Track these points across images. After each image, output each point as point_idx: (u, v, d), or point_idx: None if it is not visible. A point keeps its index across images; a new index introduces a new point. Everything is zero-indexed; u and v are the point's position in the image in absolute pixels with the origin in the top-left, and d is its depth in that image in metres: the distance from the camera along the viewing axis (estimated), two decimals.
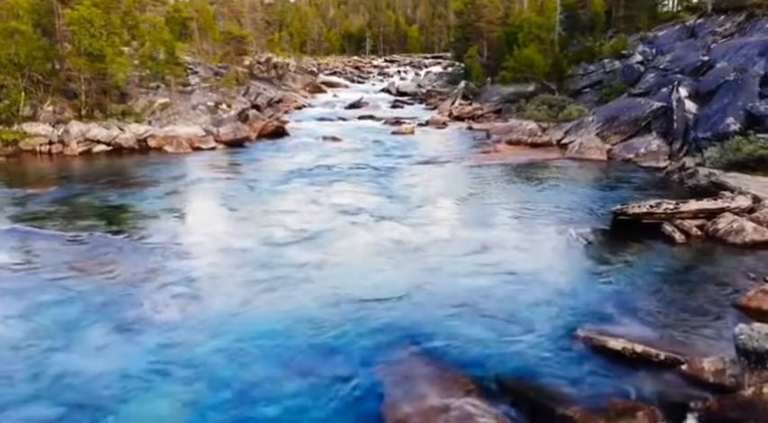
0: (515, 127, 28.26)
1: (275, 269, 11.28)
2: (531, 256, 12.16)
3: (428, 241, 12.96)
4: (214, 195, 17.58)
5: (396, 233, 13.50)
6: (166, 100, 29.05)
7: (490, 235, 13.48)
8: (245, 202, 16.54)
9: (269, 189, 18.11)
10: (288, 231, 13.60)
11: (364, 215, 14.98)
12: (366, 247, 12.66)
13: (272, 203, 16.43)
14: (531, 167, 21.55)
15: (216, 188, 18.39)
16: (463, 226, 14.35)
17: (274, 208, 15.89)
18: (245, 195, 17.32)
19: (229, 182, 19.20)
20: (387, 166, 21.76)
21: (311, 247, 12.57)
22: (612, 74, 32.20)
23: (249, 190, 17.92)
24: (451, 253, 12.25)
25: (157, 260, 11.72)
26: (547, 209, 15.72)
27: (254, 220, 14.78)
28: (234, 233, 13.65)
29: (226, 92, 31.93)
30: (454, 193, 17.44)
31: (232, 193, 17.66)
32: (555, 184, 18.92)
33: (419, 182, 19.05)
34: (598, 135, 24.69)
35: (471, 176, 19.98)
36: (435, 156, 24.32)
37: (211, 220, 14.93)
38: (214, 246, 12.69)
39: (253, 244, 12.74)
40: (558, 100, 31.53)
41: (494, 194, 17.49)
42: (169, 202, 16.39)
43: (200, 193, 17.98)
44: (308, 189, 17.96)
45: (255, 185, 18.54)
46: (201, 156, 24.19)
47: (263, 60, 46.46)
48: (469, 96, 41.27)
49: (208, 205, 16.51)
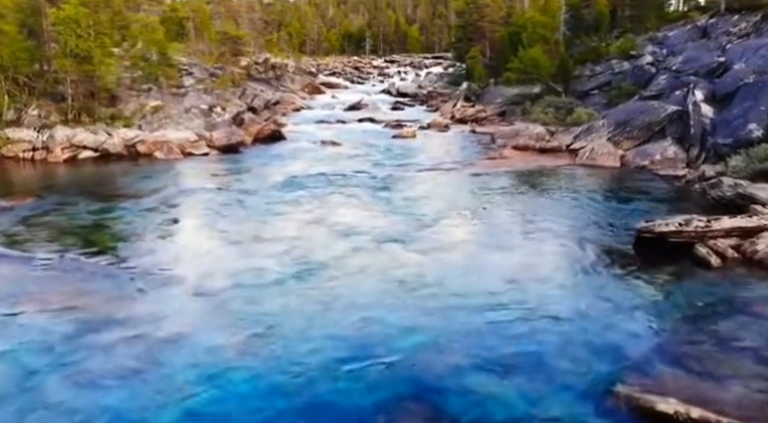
0: (521, 131, 26.81)
1: (265, 311, 9.68)
2: (552, 287, 10.69)
3: (438, 273, 11.32)
4: (201, 211, 15.90)
5: (403, 262, 11.83)
6: (158, 103, 27.54)
7: (506, 262, 11.94)
8: (235, 220, 14.91)
9: (261, 204, 16.44)
10: (280, 261, 11.88)
11: (366, 238, 13.29)
12: (370, 282, 10.93)
13: (264, 223, 14.71)
14: (540, 175, 20.11)
15: (204, 202, 16.73)
16: (475, 250, 12.73)
17: (267, 229, 14.16)
18: (235, 212, 15.69)
19: (220, 194, 17.58)
20: (388, 174, 20.31)
21: (306, 283, 10.80)
22: (621, 75, 30.73)
23: (240, 205, 16.29)
24: (464, 286, 10.69)
25: (130, 294, 10.25)
26: (563, 226, 14.28)
27: (245, 245, 12.95)
28: (221, 262, 11.96)
29: (221, 94, 30.45)
30: (462, 208, 15.95)
31: (221, 208, 16.02)
32: (568, 194, 17.47)
33: (424, 194, 17.54)
34: (610, 140, 23.23)
35: (478, 186, 18.52)
36: (439, 162, 22.87)
37: (197, 243, 13.22)
38: (197, 278, 11.03)
39: (241, 278, 11.00)
40: (565, 102, 30.08)
41: (504, 208, 16.02)
42: (152, 218, 14.83)
43: (186, 208, 16.27)
44: (303, 204, 16.34)
45: (247, 199, 16.90)
46: (193, 162, 22.72)
47: (261, 61, 44.95)
48: (472, 98, 39.79)
49: (194, 224, 14.79)
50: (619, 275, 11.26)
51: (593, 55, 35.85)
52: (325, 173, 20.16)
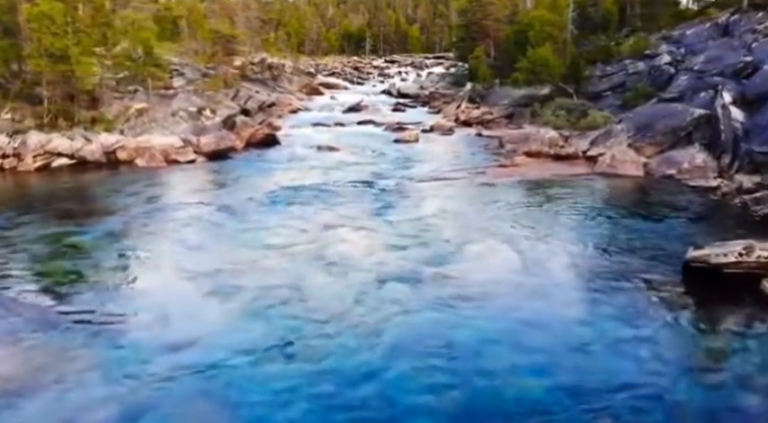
0: (532, 135, 24.66)
1: (243, 391, 7.51)
2: (602, 337, 8.58)
3: (468, 338, 8.72)
4: (171, 237, 13.42)
5: (417, 323, 9.18)
6: (144, 105, 25.42)
7: (537, 307, 9.71)
8: (209, 251, 12.48)
9: (242, 228, 13.99)
10: (266, 310, 9.50)
11: (366, 278, 10.80)
12: (377, 345, 8.42)
13: (248, 249, 12.39)
14: (558, 186, 17.98)
15: (177, 224, 14.34)
16: (505, 299, 10.20)
17: (251, 259, 11.76)
18: (216, 235, 13.45)
19: (197, 212, 15.25)
20: (390, 185, 18.19)
21: (281, 363, 8.01)
22: (636, 76, 28.59)
23: (217, 229, 13.94)
24: (508, 364, 8.15)
25: (72, 348, 8.13)
26: (593, 249, 12.20)
27: (224, 283, 10.55)
28: (193, 305, 9.73)
29: (212, 96, 28.31)
30: (476, 230, 13.76)
31: (195, 233, 13.66)
32: (593, 211, 15.35)
33: (432, 211, 15.28)
34: (630, 146, 21.11)
35: (491, 201, 16.38)
36: (445, 169, 20.76)
37: (167, 277, 11.01)
38: (162, 329, 8.83)
39: (217, 335, 8.68)
40: (577, 104, 27.94)
41: (524, 229, 13.85)
42: (113, 245, 12.52)
43: (154, 232, 13.81)
44: (291, 227, 13.94)
45: (227, 221, 14.48)
46: (177, 171, 20.58)
47: (257, 61, 42.80)
48: (476, 99, 37.63)
49: (166, 251, 12.47)
50: (670, 323, 9.13)
51: (604, 54, 33.74)
52: (321, 184, 18.03)
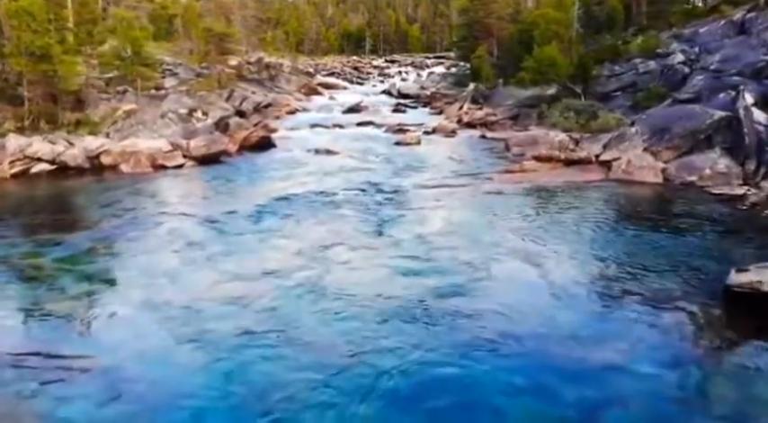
0: (540, 137, 23.28)
1: None
2: (646, 389, 7.20)
3: (483, 384, 7.41)
4: (153, 255, 11.91)
5: (431, 363, 7.77)
6: (132, 106, 24.06)
7: (568, 352, 8.14)
8: (194, 272, 10.95)
9: (232, 244, 12.56)
10: (246, 359, 7.86)
11: (372, 313, 9.07)
12: (380, 410, 6.89)
13: (230, 277, 10.64)
14: (571, 194, 16.59)
15: (160, 239, 12.85)
16: (524, 331, 8.72)
17: (232, 290, 9.96)
18: (196, 257, 11.79)
19: (182, 225, 13.79)
20: (391, 193, 16.80)
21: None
22: (648, 75, 27.21)
23: (204, 246, 12.38)
24: (521, 405, 7.00)
25: (11, 402, 6.74)
26: (620, 270, 10.81)
27: (199, 322, 8.86)
28: (159, 352, 8.13)
29: (204, 96, 26.94)
30: (487, 246, 12.33)
31: (179, 249, 12.18)
32: (611, 222, 13.97)
33: (439, 226, 13.65)
34: (646, 150, 19.73)
35: (501, 210, 14.98)
36: (449, 175, 19.40)
37: (133, 312, 9.29)
38: (117, 382, 7.32)
39: (182, 395, 7.15)
40: (586, 105, 26.55)
41: (538, 243, 12.42)
42: (85, 264, 11.01)
43: (133, 247, 12.31)
44: (280, 248, 12.31)
45: (207, 241, 12.73)
46: (163, 177, 19.19)
47: (254, 60, 41.39)
48: (479, 100, 36.25)
49: (136, 278, 10.70)
50: (718, 364, 7.77)
51: (611, 54, 32.36)
52: (316, 193, 16.62)
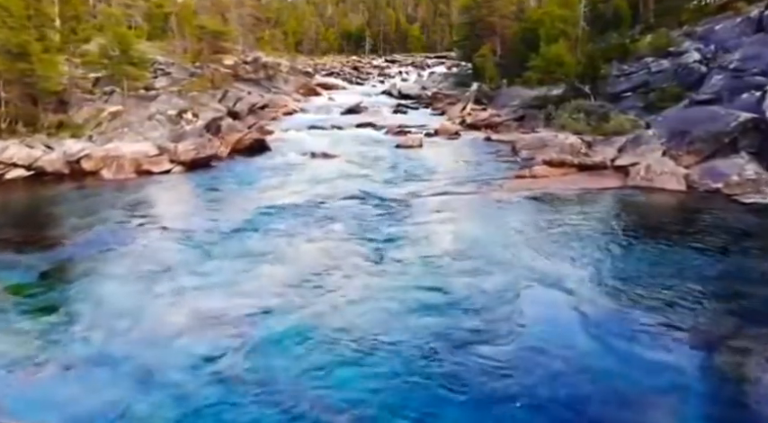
0: (549, 140, 21.86)
1: None
2: None
3: None
4: (120, 282, 10.32)
5: None
6: (119, 108, 22.61)
7: None
8: (167, 306, 9.35)
9: (212, 270, 10.82)
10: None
11: (379, 370, 7.62)
12: None
13: (206, 314, 9.02)
14: (589, 204, 15.14)
15: (132, 261, 11.22)
16: (564, 392, 7.24)
17: (210, 332, 8.45)
18: (172, 286, 10.14)
19: (160, 244, 12.24)
20: (394, 202, 15.35)
21: None
22: (661, 75, 25.69)
23: (180, 272, 10.79)
24: None
25: None
26: (662, 300, 9.38)
27: (166, 375, 7.48)
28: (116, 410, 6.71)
29: (196, 97, 25.48)
30: (506, 268, 10.88)
31: (152, 275, 10.60)
32: (638, 237, 12.50)
33: (446, 240, 12.21)
34: (665, 154, 18.29)
35: (514, 223, 13.51)
36: (456, 181, 17.96)
37: (89, 356, 7.86)
38: None
39: None
40: (596, 106, 25.10)
41: (562, 263, 10.98)
42: (42, 292, 9.56)
43: (99, 271, 10.78)
44: (274, 272, 10.78)
45: (193, 260, 11.33)
46: (147, 184, 17.72)
47: (251, 60, 39.91)
48: (483, 100, 34.84)
49: (88, 317, 8.98)
50: None
51: (619, 52, 30.88)
52: (312, 203, 15.16)
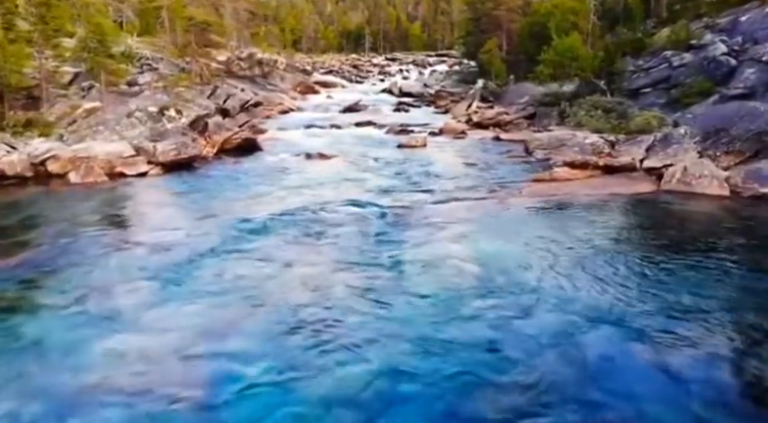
0: (567, 139, 19.76)
1: None
2: None
3: None
4: (53, 316, 8.26)
5: None
6: (96, 104, 20.51)
7: None
8: (121, 351, 7.31)
9: (174, 300, 8.69)
10: None
11: None
12: None
13: (170, 362, 7.06)
14: (623, 212, 13.02)
15: (75, 289, 9.07)
16: None
17: (172, 390, 6.50)
18: (128, 322, 8.07)
19: (117, 261, 10.09)
20: (398, 209, 13.25)
21: None
22: (684, 69, 23.57)
23: (139, 304, 8.60)
24: None
25: None
26: (739, 350, 7.28)
27: None
28: None
29: (182, 93, 23.38)
30: (538, 298, 8.73)
31: (107, 309, 8.42)
32: (687, 253, 10.37)
33: (466, 263, 9.94)
34: (701, 155, 16.20)
35: (541, 235, 11.38)
36: (466, 185, 15.86)
37: None
38: None
39: None
40: (614, 103, 23.03)
41: (606, 288, 8.88)
42: None
43: (35, 298, 8.74)
44: (252, 298, 8.70)
45: (154, 289, 9.08)
46: (119, 189, 15.57)
47: (245, 56, 37.81)
48: (489, 98, 32.78)
49: (16, 356, 7.17)
50: None
51: (634, 47, 28.79)
52: (303, 213, 13.00)
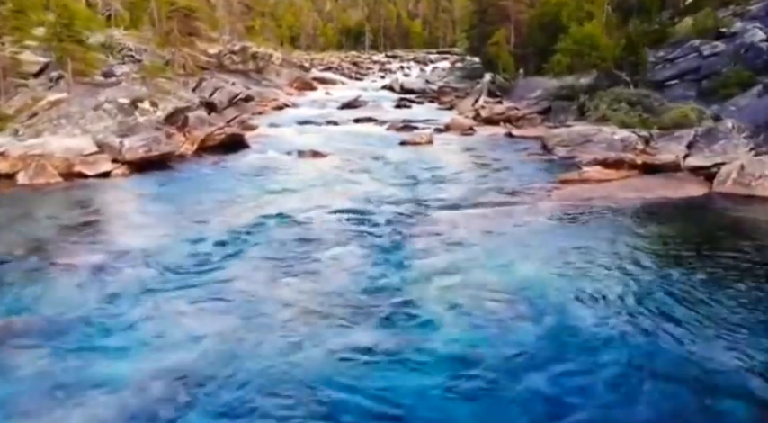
0: (591, 135, 17.32)
1: None
2: None
3: None
4: None
5: None
6: (62, 96, 18.07)
7: None
8: None
9: (115, 346, 6.53)
10: None
11: None
12: None
13: None
14: (676, 220, 10.58)
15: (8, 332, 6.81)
16: None
17: None
18: (57, 379, 5.81)
19: (51, 291, 7.65)
20: (402, 217, 10.81)
21: None
22: (716, 58, 21.17)
23: (74, 351, 6.33)
24: None
25: None
26: None
27: None
28: None
29: (161, 85, 20.90)
30: (597, 345, 6.39)
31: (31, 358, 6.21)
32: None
33: (489, 286, 7.61)
34: (755, 151, 13.74)
35: (584, 251, 8.91)
36: (483, 188, 13.45)
37: None
38: None
39: None
40: (640, 96, 20.55)
41: (689, 329, 6.49)
42: None
43: None
44: (221, 336, 6.55)
45: (96, 332, 6.82)
46: (73, 192, 13.10)
47: (238, 49, 35.36)
48: (497, 93, 30.31)
49: None
50: None
51: (654, 37, 26.38)
52: (287, 221, 10.56)
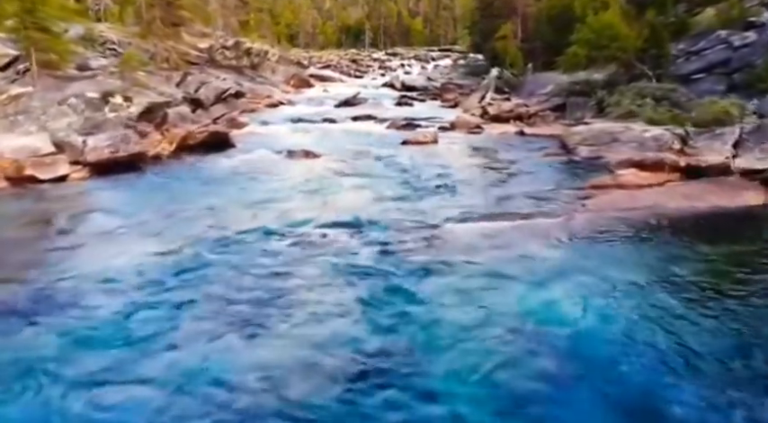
0: (619, 133, 15.25)
1: None
2: None
3: None
4: None
5: None
6: (26, 90, 16.04)
7: None
8: None
9: None
10: None
11: None
12: None
13: None
14: (737, 236, 8.54)
15: None
16: None
17: None
18: None
19: None
20: (406, 234, 8.76)
21: None
22: (749, 49, 19.19)
23: None
24: None
25: None
26: None
27: None
28: None
29: (140, 78, 18.86)
30: None
31: None
32: None
33: (524, 335, 5.67)
34: None
35: (652, 289, 6.88)
36: (501, 195, 11.40)
37: None
38: None
39: None
40: (665, 90, 18.51)
41: None
42: None
43: None
44: None
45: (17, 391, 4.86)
46: (18, 200, 11.08)
47: (231, 44, 33.31)
48: (504, 89, 28.29)
49: None
50: None
51: (675, 28, 24.38)
52: (270, 236, 8.52)
